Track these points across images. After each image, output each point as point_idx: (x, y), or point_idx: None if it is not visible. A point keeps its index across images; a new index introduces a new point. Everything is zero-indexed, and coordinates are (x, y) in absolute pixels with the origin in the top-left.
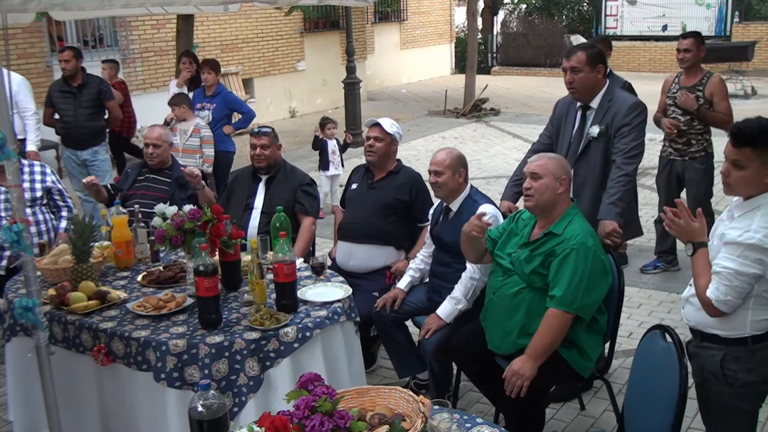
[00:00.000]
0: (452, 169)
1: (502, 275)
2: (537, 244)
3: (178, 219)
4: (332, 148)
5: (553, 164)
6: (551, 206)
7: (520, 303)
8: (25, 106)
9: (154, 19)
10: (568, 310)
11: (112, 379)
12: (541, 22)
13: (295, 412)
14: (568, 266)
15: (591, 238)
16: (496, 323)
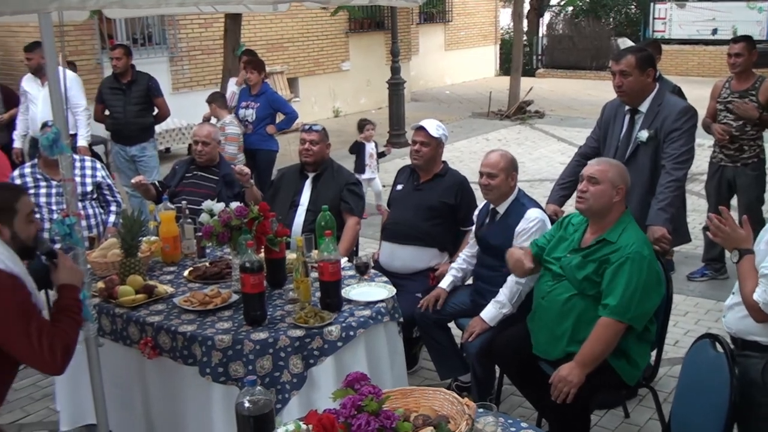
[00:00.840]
0: (506, 172)
1: (551, 280)
2: (590, 250)
3: (225, 216)
4: (370, 152)
5: (613, 172)
6: (604, 213)
7: (570, 309)
8: (77, 102)
9: (202, 18)
10: (621, 319)
11: (157, 372)
12: (588, 24)
13: (342, 410)
14: (623, 275)
15: (646, 247)
16: (544, 328)
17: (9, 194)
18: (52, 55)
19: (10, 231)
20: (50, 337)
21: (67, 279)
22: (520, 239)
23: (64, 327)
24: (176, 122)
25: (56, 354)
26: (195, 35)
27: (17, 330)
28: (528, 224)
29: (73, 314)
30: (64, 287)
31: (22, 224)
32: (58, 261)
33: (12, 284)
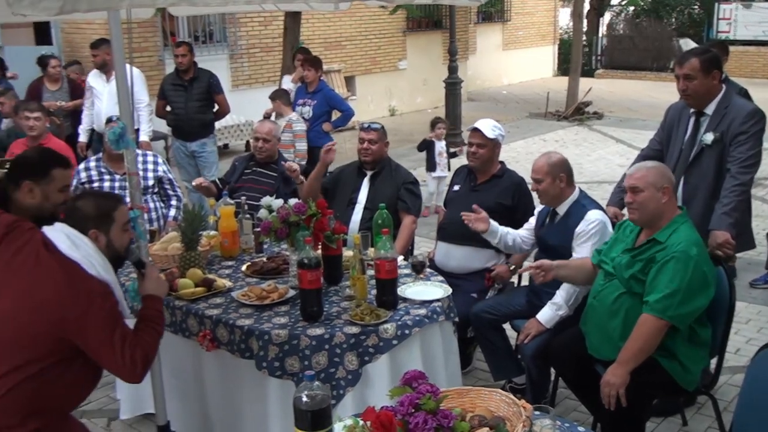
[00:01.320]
0: (551, 176)
1: (603, 279)
2: (639, 250)
3: (283, 212)
4: (440, 150)
5: (653, 174)
6: (657, 217)
7: (619, 308)
8: (139, 98)
9: (262, 16)
10: (661, 316)
11: (215, 364)
12: (649, 24)
13: (399, 408)
14: (666, 273)
15: (696, 247)
16: (596, 327)
17: (108, 203)
18: (119, 52)
19: (105, 239)
20: (132, 347)
21: (153, 290)
22: (579, 240)
23: (146, 337)
24: (235, 119)
25: (136, 363)
26: (255, 33)
27: (103, 337)
28: (587, 226)
29: (156, 325)
30: (149, 298)
31: (118, 233)
32: (146, 271)
33: (103, 291)
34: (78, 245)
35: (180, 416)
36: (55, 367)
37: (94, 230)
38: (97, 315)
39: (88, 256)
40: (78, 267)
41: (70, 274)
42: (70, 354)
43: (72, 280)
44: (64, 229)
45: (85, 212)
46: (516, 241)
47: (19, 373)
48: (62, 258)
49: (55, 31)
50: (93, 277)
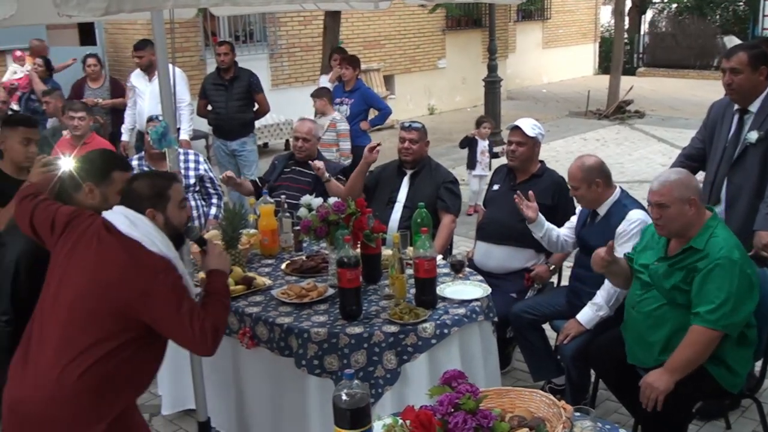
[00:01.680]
0: (587, 182)
1: (640, 289)
2: (677, 258)
3: (323, 210)
4: (482, 149)
5: (677, 187)
6: (686, 229)
7: (662, 319)
8: (181, 97)
9: (302, 16)
10: (714, 327)
11: (255, 362)
12: (693, 22)
13: (438, 407)
14: (713, 282)
15: (736, 250)
16: (637, 338)
17: (162, 181)
18: (162, 52)
19: (163, 217)
20: (201, 319)
21: (216, 265)
22: (620, 240)
23: (213, 309)
24: (275, 118)
25: (206, 335)
26: (294, 32)
27: (170, 311)
28: (629, 225)
29: (223, 297)
30: (213, 272)
31: (175, 210)
32: (207, 248)
33: (165, 266)
34: (137, 224)
35: (220, 413)
36: (126, 347)
37: (150, 209)
38: (162, 290)
39: (147, 234)
40: (139, 245)
41: (131, 252)
42: (138, 333)
43: (134, 257)
44: (122, 211)
45: (140, 192)
46: (560, 239)
47: (91, 354)
48: (123, 237)
49: (99, 32)
50: (154, 254)
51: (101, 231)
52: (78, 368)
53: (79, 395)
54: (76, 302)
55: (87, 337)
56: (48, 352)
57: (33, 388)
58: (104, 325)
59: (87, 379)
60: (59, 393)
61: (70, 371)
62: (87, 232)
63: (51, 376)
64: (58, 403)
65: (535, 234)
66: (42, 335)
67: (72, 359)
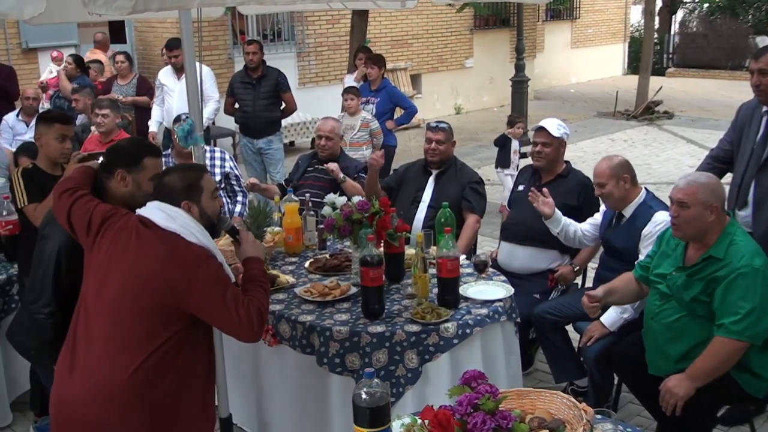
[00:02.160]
0: (614, 178)
1: (659, 300)
2: (695, 269)
3: (347, 209)
4: (515, 148)
5: (703, 191)
6: (701, 234)
7: (683, 331)
8: (209, 94)
9: (329, 14)
10: (740, 338)
11: (277, 359)
12: (724, 21)
13: (458, 407)
14: (736, 292)
15: (758, 257)
16: (656, 349)
17: (194, 173)
18: (190, 50)
19: (198, 208)
20: (245, 305)
21: (252, 252)
22: (645, 242)
23: (255, 295)
24: (301, 116)
25: (252, 320)
26: (322, 31)
27: (214, 299)
28: (655, 227)
29: (263, 283)
30: (250, 260)
31: (208, 201)
32: (240, 237)
33: (206, 256)
34: (174, 217)
35: (242, 410)
36: (175, 340)
37: (186, 202)
38: (205, 279)
39: (185, 225)
40: (178, 236)
41: (170, 244)
42: (185, 324)
43: (174, 249)
44: (157, 206)
45: (173, 186)
46: (577, 234)
47: (141, 351)
48: (161, 231)
49: (129, 30)
50: (194, 245)
51: (139, 227)
52: (130, 366)
53: (132, 392)
54: (121, 300)
55: (135, 334)
56: (97, 351)
57: (84, 389)
58: (151, 320)
59: (139, 376)
60: (112, 392)
61: (122, 369)
62: (124, 230)
63: (102, 376)
64: (111, 403)
65: (552, 230)
66: (89, 335)
67: (123, 357)
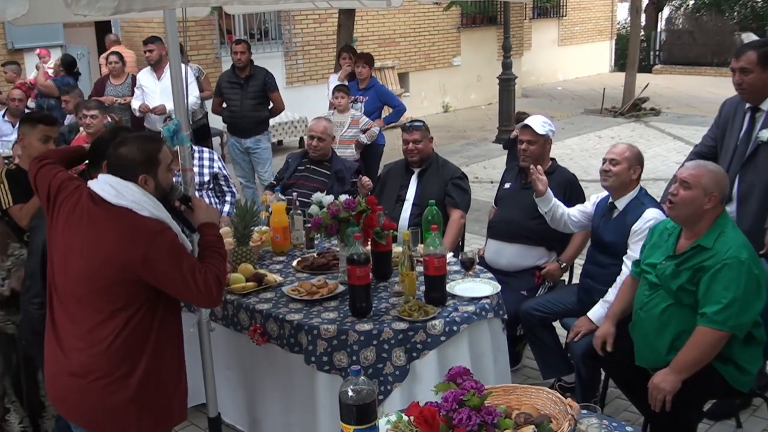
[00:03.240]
0: (629, 162)
1: (648, 290)
2: (684, 257)
3: (333, 208)
4: None
5: (708, 177)
6: (693, 220)
7: (668, 320)
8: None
9: (317, 14)
10: (721, 328)
11: (265, 358)
12: (710, 18)
13: (443, 404)
14: (720, 282)
15: (745, 250)
16: (644, 339)
17: (152, 145)
18: (175, 50)
19: (154, 181)
20: (203, 273)
21: (206, 218)
22: (634, 238)
23: (212, 262)
24: (289, 115)
25: (211, 287)
26: (309, 30)
27: (171, 270)
28: (644, 224)
29: (218, 248)
30: (204, 225)
31: (164, 174)
32: (193, 204)
33: (160, 228)
34: (123, 193)
35: (230, 408)
36: (145, 312)
37: (143, 175)
38: (160, 251)
39: (136, 200)
40: (129, 212)
41: (122, 221)
42: (151, 296)
43: (125, 225)
44: (108, 180)
45: (132, 158)
46: (563, 217)
47: (114, 322)
48: (111, 207)
49: (115, 30)
50: (147, 218)
51: (89, 206)
52: (105, 340)
53: (111, 366)
54: (84, 279)
55: (104, 309)
56: (74, 329)
57: (69, 365)
58: (116, 295)
59: (116, 350)
60: (93, 366)
61: (98, 344)
62: (77, 208)
63: (82, 351)
64: (93, 376)
65: (540, 208)
66: (66, 313)
67: (97, 332)
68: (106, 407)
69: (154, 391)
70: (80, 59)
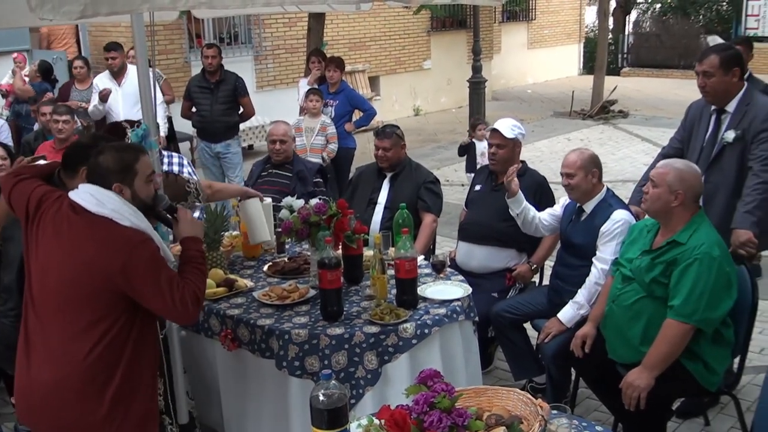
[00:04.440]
0: (584, 170)
1: (621, 283)
2: (659, 252)
3: (304, 212)
4: (482, 150)
5: (673, 175)
6: (663, 216)
7: (640, 312)
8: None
9: (287, 17)
10: (687, 321)
11: (236, 363)
12: (676, 21)
13: (414, 406)
14: (690, 276)
15: (717, 248)
16: (616, 332)
17: (129, 155)
18: (143, 54)
19: (130, 191)
20: (180, 288)
21: (190, 231)
22: (603, 239)
23: (191, 277)
24: (259, 120)
25: (187, 304)
26: (279, 34)
27: (149, 283)
28: (613, 225)
29: (199, 264)
30: (188, 239)
31: (142, 185)
32: (178, 216)
33: (140, 240)
34: (104, 202)
35: (202, 414)
36: (122, 324)
37: (117, 184)
38: (139, 263)
39: (116, 209)
40: (109, 221)
41: (102, 230)
42: (129, 307)
43: (106, 235)
44: (88, 189)
45: (107, 167)
46: (535, 220)
47: (91, 335)
48: (92, 217)
49: (83, 35)
50: (127, 228)
51: (70, 214)
52: (80, 353)
53: (86, 379)
54: (63, 289)
55: (81, 321)
56: (49, 342)
57: (42, 379)
58: (94, 306)
59: (92, 363)
60: (68, 380)
61: (74, 357)
62: (57, 217)
63: (57, 365)
64: (68, 391)
65: (512, 210)
66: (40, 327)
67: (73, 345)
68: (78, 421)
69: (129, 405)
70: (56, 64)
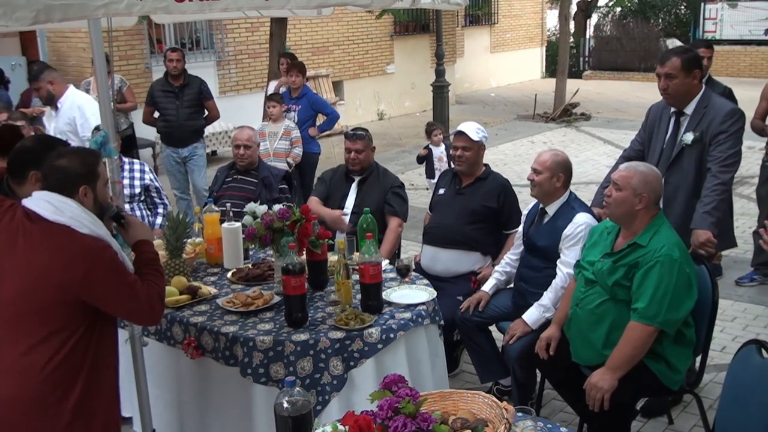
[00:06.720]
0: (551, 172)
1: (584, 286)
2: (620, 254)
3: (267, 218)
4: (439, 155)
5: (637, 179)
6: (627, 220)
7: (603, 315)
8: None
9: (249, 22)
10: (650, 323)
11: (200, 372)
12: (636, 25)
13: (379, 412)
14: (652, 278)
15: (677, 249)
16: (580, 335)
17: (92, 158)
18: (101, 61)
19: (93, 194)
20: (144, 290)
21: (141, 235)
22: (566, 243)
23: (151, 278)
24: (222, 125)
25: (153, 304)
26: (242, 39)
27: (113, 289)
28: (575, 229)
29: (156, 265)
30: (140, 243)
31: (102, 188)
32: (125, 222)
33: (100, 246)
34: (62, 209)
35: (164, 424)
36: (81, 335)
37: (84, 186)
38: (100, 270)
39: (75, 216)
40: (68, 229)
41: (60, 238)
42: (88, 315)
43: (64, 243)
44: (44, 196)
45: (72, 170)
46: (511, 266)
47: (48, 348)
48: (49, 225)
49: (41, 41)
50: (86, 236)
51: (25, 223)
52: (37, 366)
53: (44, 393)
54: (20, 301)
55: (39, 333)
56: (6, 355)
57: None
58: (53, 317)
59: (50, 376)
60: (25, 395)
61: (31, 370)
62: (10, 226)
63: (14, 380)
64: (26, 405)
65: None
66: None
67: (30, 358)
68: None
69: (91, 416)
70: (14, 70)
